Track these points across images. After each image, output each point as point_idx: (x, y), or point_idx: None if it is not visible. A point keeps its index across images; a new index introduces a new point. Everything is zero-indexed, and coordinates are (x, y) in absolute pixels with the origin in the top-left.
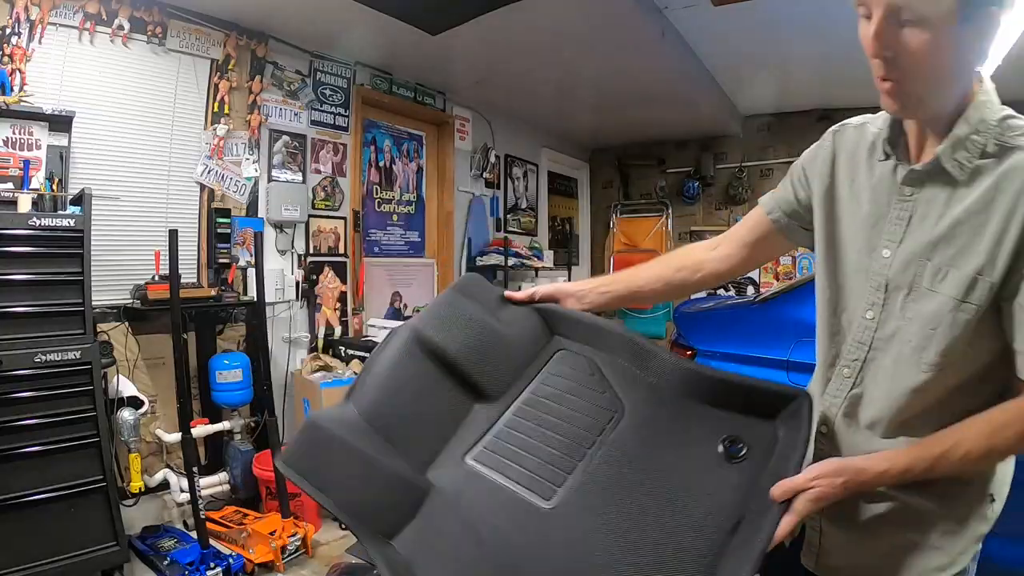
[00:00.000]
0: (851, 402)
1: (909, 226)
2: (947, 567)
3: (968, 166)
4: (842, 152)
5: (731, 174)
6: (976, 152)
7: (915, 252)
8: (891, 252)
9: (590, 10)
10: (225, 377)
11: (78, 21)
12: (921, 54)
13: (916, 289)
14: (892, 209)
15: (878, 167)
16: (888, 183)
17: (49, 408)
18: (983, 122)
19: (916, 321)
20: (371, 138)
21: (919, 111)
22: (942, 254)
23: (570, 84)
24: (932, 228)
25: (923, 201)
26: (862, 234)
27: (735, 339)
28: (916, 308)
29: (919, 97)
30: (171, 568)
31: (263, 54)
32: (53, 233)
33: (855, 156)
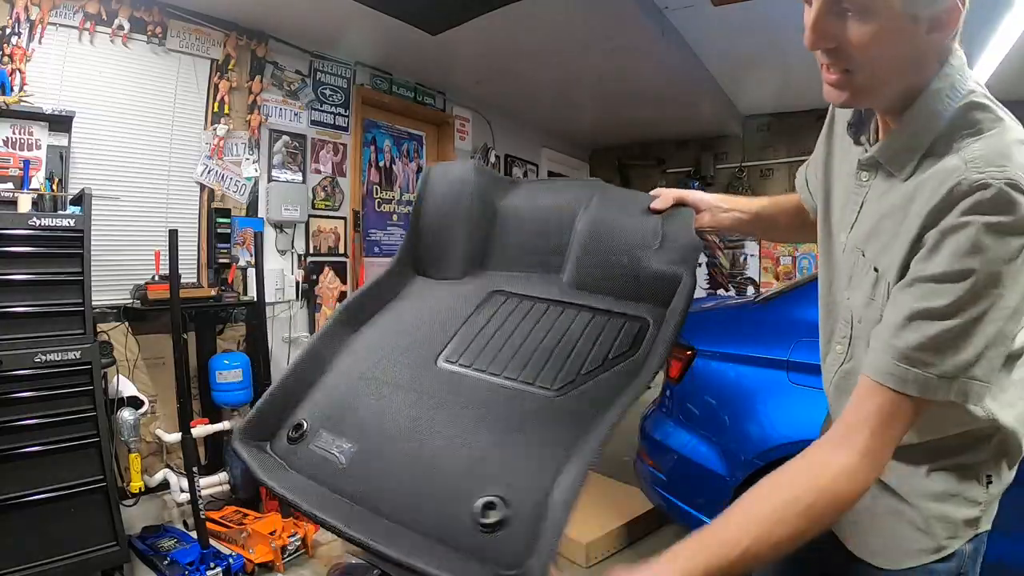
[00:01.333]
0: (842, 376)
1: (860, 211)
2: (934, 550)
3: (907, 162)
4: (838, 124)
5: (731, 174)
6: (919, 147)
7: (855, 243)
8: (845, 236)
9: (590, 10)
10: (225, 377)
11: (78, 21)
12: (865, 45)
13: (854, 278)
14: (851, 192)
15: (852, 149)
16: (853, 166)
17: (49, 408)
18: (933, 116)
19: (855, 310)
20: (371, 138)
21: (871, 102)
22: (872, 248)
23: (570, 84)
24: (869, 219)
25: (873, 188)
26: (839, 212)
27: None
28: (854, 296)
29: (867, 89)
30: (171, 568)
31: (263, 54)
32: (53, 233)
33: (842, 130)
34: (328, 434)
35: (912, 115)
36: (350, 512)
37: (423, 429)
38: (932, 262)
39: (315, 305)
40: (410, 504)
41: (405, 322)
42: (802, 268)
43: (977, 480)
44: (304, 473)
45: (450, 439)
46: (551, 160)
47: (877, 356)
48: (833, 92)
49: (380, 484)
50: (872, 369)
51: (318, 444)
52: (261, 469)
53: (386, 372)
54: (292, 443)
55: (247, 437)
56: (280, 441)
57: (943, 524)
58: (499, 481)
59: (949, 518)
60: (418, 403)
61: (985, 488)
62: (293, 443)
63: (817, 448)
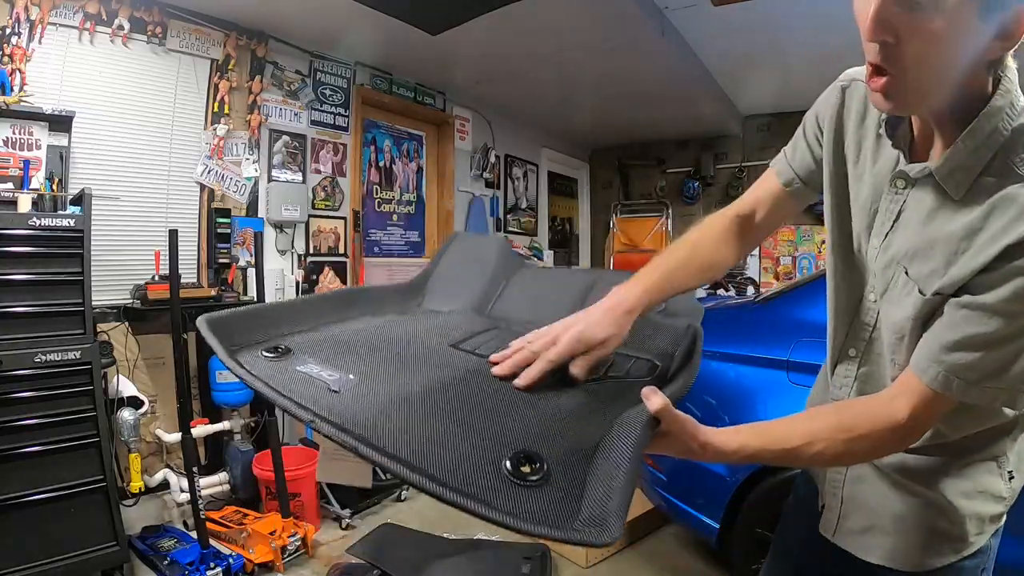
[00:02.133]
0: (861, 382)
1: (897, 222)
2: (963, 548)
3: (964, 181)
4: (850, 114)
5: (731, 174)
6: (978, 166)
7: (895, 255)
8: (878, 243)
9: (590, 10)
10: (225, 377)
11: (78, 21)
12: (930, 45)
13: (890, 291)
14: (884, 199)
15: (884, 147)
16: (888, 169)
17: (49, 408)
18: (995, 132)
19: (886, 324)
20: (371, 138)
21: (917, 110)
22: (917, 268)
23: (570, 84)
24: (914, 234)
25: (914, 199)
26: (862, 215)
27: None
28: (887, 311)
29: (920, 94)
30: (171, 568)
31: (263, 54)
32: (53, 233)
33: (864, 123)
34: (316, 363)
35: (974, 132)
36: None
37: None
38: (995, 292)
39: None
40: (418, 446)
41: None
42: (802, 268)
43: (1001, 476)
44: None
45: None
46: (551, 160)
47: (926, 362)
48: (878, 99)
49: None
50: (919, 370)
51: (302, 367)
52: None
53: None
54: (269, 360)
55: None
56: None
57: (974, 521)
58: (537, 437)
59: (979, 514)
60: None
61: (1008, 483)
62: (270, 360)
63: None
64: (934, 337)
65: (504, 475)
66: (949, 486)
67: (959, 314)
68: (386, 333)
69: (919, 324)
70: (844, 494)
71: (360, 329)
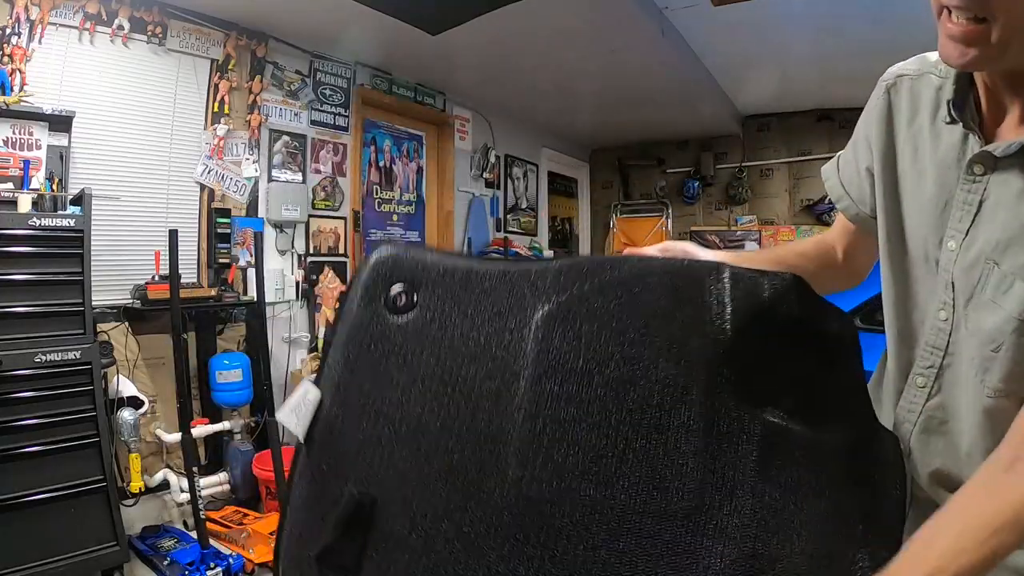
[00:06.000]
0: (928, 415)
1: (979, 214)
2: None
3: None
4: (900, 114)
5: (731, 174)
6: None
7: (982, 251)
8: (956, 245)
9: (590, 10)
10: (225, 377)
11: (78, 21)
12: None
13: (978, 297)
14: (959, 190)
15: (944, 133)
16: (956, 155)
17: (49, 408)
18: None
19: (976, 336)
20: (371, 138)
21: (999, 64)
22: (1012, 260)
23: (570, 84)
24: (1006, 223)
25: (997, 183)
26: (929, 217)
27: None
28: (976, 320)
29: (1005, 44)
30: (171, 568)
31: (263, 54)
32: (53, 233)
33: (916, 118)
34: None
35: None
36: None
37: None
38: None
39: (315, 305)
40: None
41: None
42: None
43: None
44: None
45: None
46: (551, 160)
47: None
48: (956, 48)
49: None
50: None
51: None
52: None
53: None
54: None
55: None
56: None
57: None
58: None
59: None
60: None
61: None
62: None
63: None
64: None
65: None
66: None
67: None
68: None
69: (1020, 328)
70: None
71: None
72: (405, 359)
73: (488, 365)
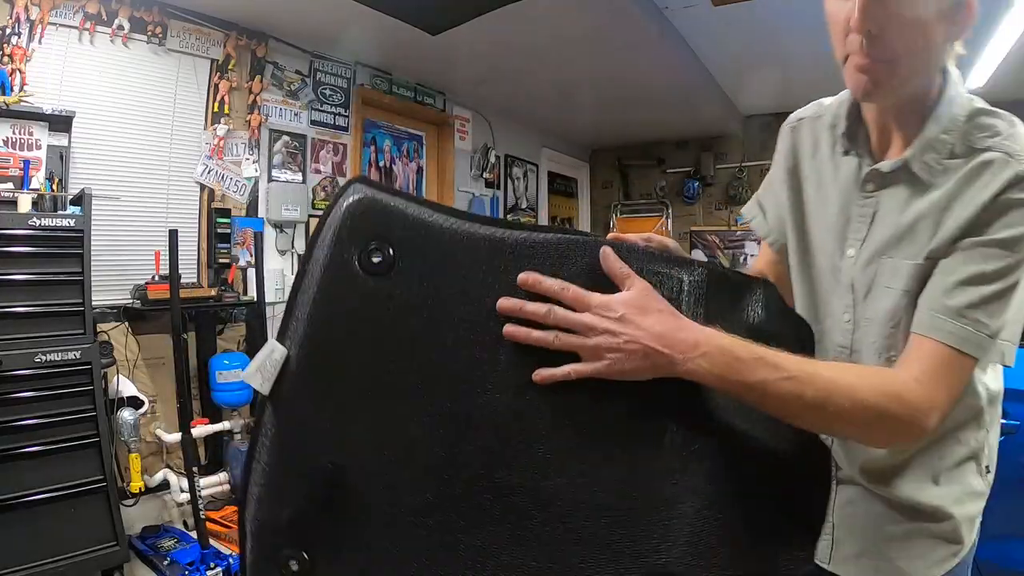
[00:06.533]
0: None
1: (873, 223)
2: (960, 551)
3: (937, 168)
4: (803, 151)
5: (731, 174)
6: (945, 153)
7: (876, 250)
8: (855, 251)
9: (590, 10)
10: (225, 377)
11: (78, 21)
12: (913, 31)
13: (874, 289)
14: (856, 206)
15: (843, 163)
16: (854, 180)
17: (49, 408)
18: (953, 120)
19: (875, 321)
20: (371, 138)
21: (893, 96)
22: (901, 251)
23: (570, 84)
24: (895, 224)
25: (886, 197)
26: (834, 234)
27: None
28: (875, 308)
29: (901, 79)
30: (171, 568)
31: (263, 54)
32: (53, 233)
33: (818, 153)
34: None
35: (939, 118)
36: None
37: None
38: (986, 234)
39: None
40: None
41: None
42: None
43: (980, 472)
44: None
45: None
46: (551, 160)
47: (930, 316)
48: (864, 81)
49: None
50: (927, 327)
51: None
52: None
53: None
54: None
55: None
56: None
57: (967, 523)
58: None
59: (970, 516)
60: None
61: (985, 477)
62: None
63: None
64: (934, 291)
65: None
66: (941, 496)
67: (958, 260)
68: None
69: (913, 298)
70: (835, 520)
71: None
72: (376, 323)
73: (466, 339)
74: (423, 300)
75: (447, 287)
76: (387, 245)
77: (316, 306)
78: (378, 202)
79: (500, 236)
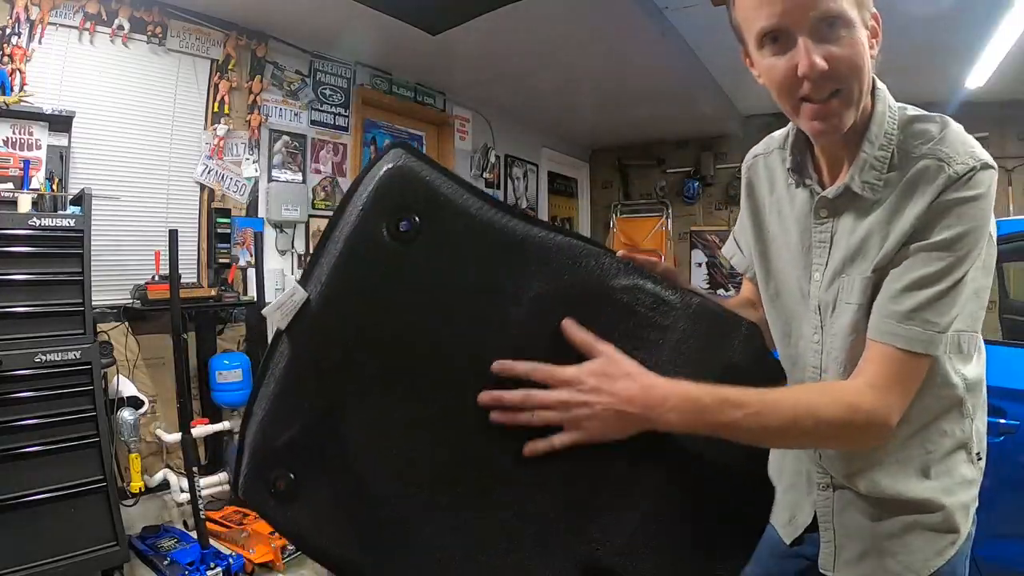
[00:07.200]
0: None
1: (832, 247)
2: (958, 540)
3: (878, 184)
4: (761, 187)
5: (731, 174)
6: (883, 168)
7: (836, 270)
8: (820, 275)
9: (590, 10)
10: (225, 377)
11: (78, 21)
12: (853, 55)
13: (837, 306)
14: (814, 234)
15: (798, 195)
16: (808, 210)
17: (49, 408)
18: (886, 135)
19: (839, 336)
20: (371, 138)
21: (848, 124)
22: (857, 267)
23: (570, 84)
24: (848, 245)
25: (842, 223)
26: (798, 261)
27: None
28: (838, 324)
29: (854, 105)
30: (171, 568)
31: (263, 54)
32: (53, 233)
33: (775, 188)
34: None
35: (871, 138)
36: None
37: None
38: (928, 238)
39: None
40: None
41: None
42: None
43: (971, 460)
44: None
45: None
46: (551, 160)
47: (879, 322)
48: (822, 125)
49: None
50: (878, 332)
51: None
52: None
53: None
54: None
55: None
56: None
57: (961, 512)
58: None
59: (964, 504)
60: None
61: (977, 464)
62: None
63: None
64: (883, 297)
65: None
66: (932, 489)
67: (903, 266)
68: None
69: (868, 310)
70: (835, 526)
71: None
72: (391, 285)
73: (470, 318)
74: (438, 275)
75: (463, 269)
76: (415, 216)
77: (340, 258)
78: (415, 173)
79: (522, 233)
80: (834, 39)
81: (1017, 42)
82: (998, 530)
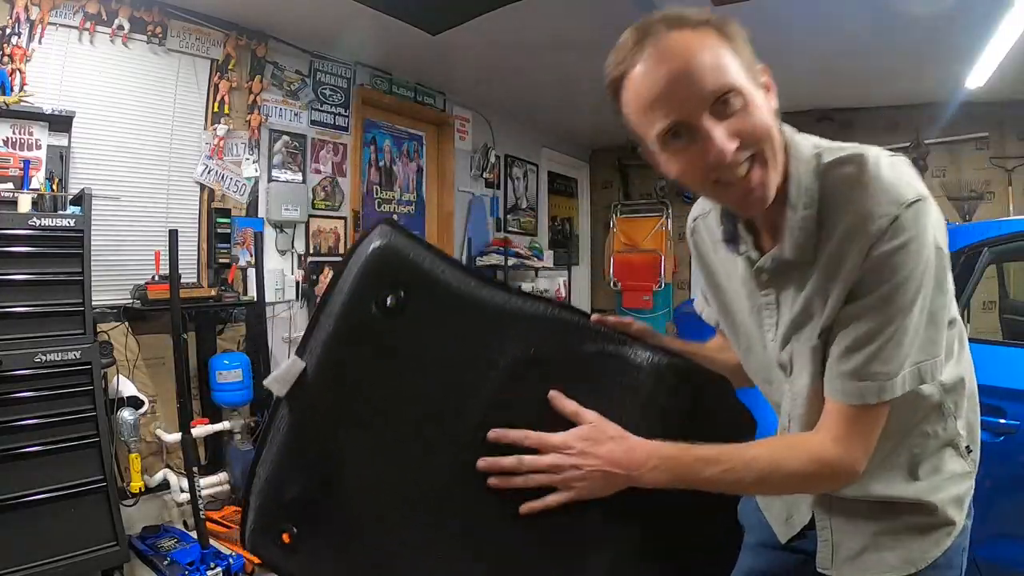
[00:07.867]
0: None
1: (779, 309)
2: (953, 530)
3: (809, 246)
4: (706, 248)
5: None
6: (812, 229)
7: (785, 334)
8: (773, 336)
9: (590, 10)
10: (225, 377)
11: (78, 21)
12: (760, 119)
13: (795, 366)
14: (760, 298)
15: (737, 260)
16: (748, 275)
17: (49, 408)
18: (807, 193)
19: (800, 395)
20: (371, 138)
21: (773, 189)
22: (804, 334)
23: (570, 84)
24: (793, 311)
25: (782, 283)
26: (752, 321)
27: None
28: (799, 384)
29: (775, 168)
30: (171, 568)
31: (263, 54)
32: (53, 233)
33: (719, 249)
34: None
35: (793, 204)
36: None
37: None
38: (866, 296)
39: (315, 305)
40: None
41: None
42: None
43: (961, 455)
44: None
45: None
46: (551, 160)
47: (831, 382)
48: (747, 202)
49: None
50: (831, 391)
51: None
52: None
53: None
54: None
55: None
56: None
57: (953, 504)
58: None
59: (956, 497)
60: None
61: (968, 457)
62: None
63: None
64: (831, 357)
65: None
66: (919, 489)
67: (847, 325)
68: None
69: (820, 376)
70: (832, 525)
71: None
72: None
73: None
74: (423, 344)
75: (445, 339)
76: (400, 291)
77: (333, 330)
78: (400, 250)
79: (500, 303)
80: (734, 112)
81: (1017, 42)
82: (998, 530)
